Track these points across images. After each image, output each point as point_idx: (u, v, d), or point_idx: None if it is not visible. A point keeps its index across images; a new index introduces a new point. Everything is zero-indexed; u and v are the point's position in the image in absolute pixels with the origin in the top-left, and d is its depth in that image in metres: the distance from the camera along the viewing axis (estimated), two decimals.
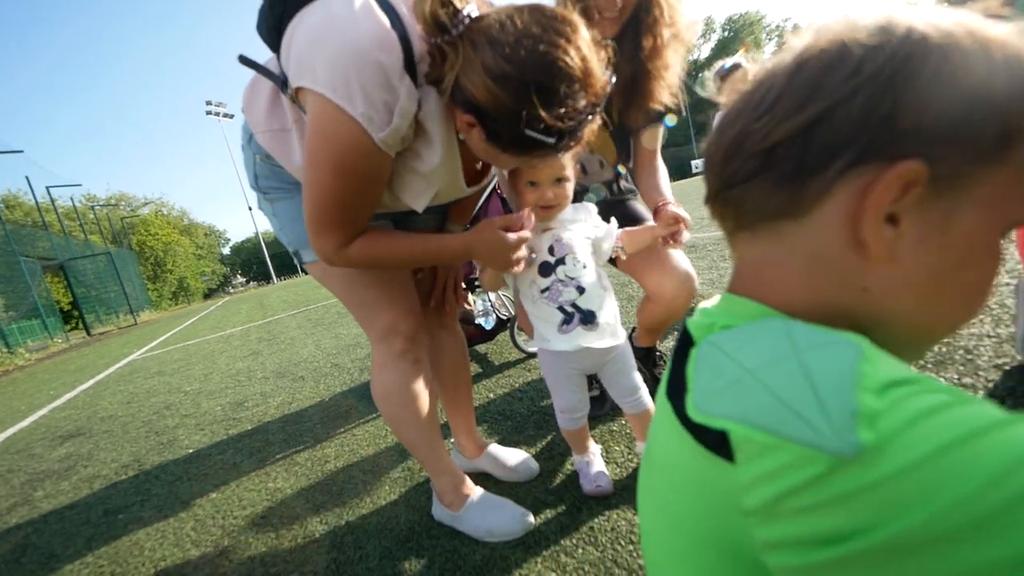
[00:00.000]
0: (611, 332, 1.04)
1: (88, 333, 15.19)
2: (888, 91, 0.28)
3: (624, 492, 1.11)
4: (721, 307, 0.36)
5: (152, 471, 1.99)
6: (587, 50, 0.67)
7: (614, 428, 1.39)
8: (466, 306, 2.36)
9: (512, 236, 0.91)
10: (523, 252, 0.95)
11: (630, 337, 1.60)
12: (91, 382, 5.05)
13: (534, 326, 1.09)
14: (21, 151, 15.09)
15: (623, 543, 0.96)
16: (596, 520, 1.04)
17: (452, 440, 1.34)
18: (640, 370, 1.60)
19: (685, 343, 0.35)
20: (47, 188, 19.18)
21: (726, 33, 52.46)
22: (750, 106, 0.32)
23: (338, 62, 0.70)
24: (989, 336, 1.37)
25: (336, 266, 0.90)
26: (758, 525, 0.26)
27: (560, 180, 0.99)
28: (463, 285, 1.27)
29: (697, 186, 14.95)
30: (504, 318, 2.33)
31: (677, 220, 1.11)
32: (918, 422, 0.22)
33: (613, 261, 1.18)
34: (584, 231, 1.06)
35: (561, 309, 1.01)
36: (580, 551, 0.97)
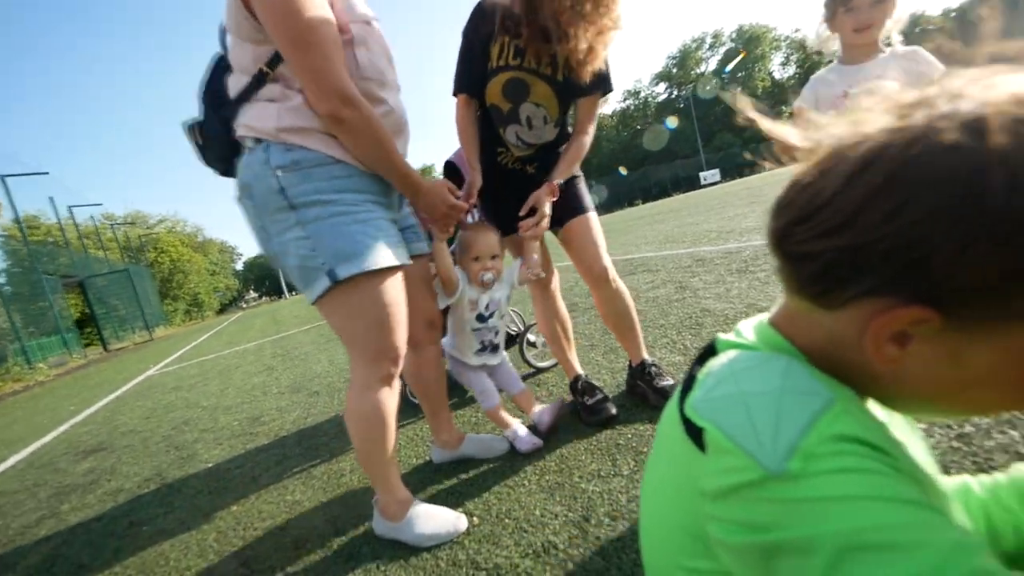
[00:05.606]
0: (502, 353, 1.62)
1: (105, 349, 15.45)
2: (928, 241, 0.27)
3: (630, 504, 1.14)
4: (754, 330, 0.42)
5: (174, 484, 2.05)
6: None
7: (620, 442, 1.42)
8: None
9: (453, 200, 1.19)
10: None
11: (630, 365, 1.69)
12: (110, 397, 5.17)
13: (457, 341, 1.55)
14: (47, 173, 15.71)
15: (628, 552, 0.99)
16: (603, 531, 1.08)
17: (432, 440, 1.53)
18: (638, 385, 1.67)
19: (709, 351, 0.42)
20: (69, 208, 19.78)
21: (735, 44, 52.64)
22: (800, 201, 0.33)
23: None
24: None
25: (352, 117, 0.97)
26: (707, 503, 0.34)
27: (494, 256, 1.44)
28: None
29: (706, 198, 14.91)
30: (513, 333, 2.38)
31: (533, 208, 1.39)
32: (834, 473, 0.30)
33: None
34: (504, 288, 1.52)
35: (481, 343, 1.54)
36: (588, 561, 1.00)
